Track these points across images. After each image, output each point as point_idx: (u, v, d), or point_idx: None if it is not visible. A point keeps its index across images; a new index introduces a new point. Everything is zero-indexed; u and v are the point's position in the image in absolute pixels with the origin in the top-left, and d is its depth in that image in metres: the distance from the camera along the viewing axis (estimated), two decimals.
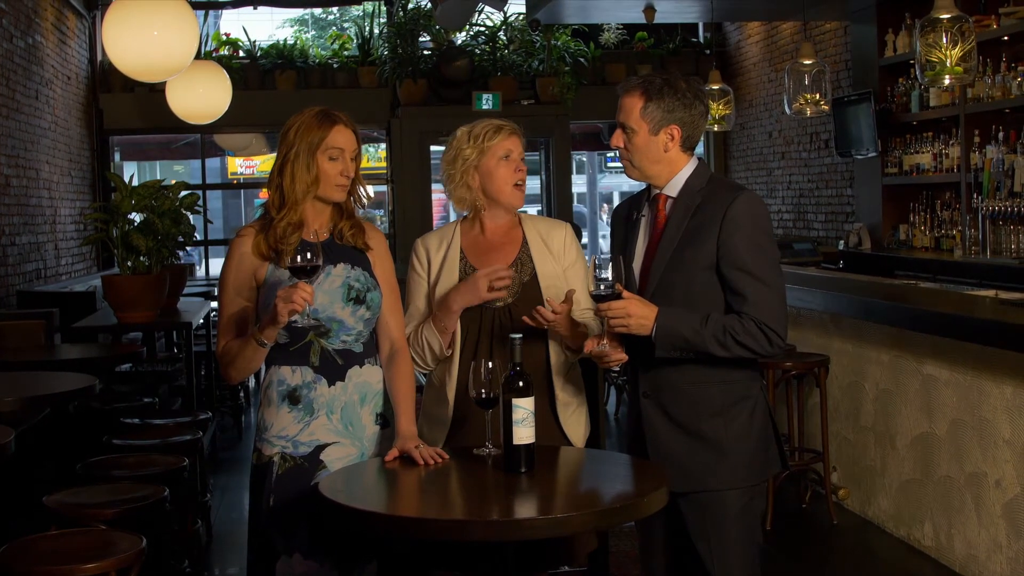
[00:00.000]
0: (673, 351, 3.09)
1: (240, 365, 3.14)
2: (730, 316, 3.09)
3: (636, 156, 3.22)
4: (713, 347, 3.08)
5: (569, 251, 3.56)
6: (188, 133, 12.66)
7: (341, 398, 3.20)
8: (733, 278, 3.10)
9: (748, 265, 3.09)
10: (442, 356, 3.49)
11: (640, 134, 3.20)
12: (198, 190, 11.11)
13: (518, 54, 11.82)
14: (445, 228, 3.67)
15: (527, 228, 3.58)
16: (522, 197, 3.57)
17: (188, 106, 8.48)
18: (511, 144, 3.52)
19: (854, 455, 5.94)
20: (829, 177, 10.38)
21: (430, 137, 11.48)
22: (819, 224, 10.60)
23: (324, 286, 3.18)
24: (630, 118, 3.20)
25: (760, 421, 3.24)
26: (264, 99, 11.60)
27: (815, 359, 5.95)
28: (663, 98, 3.18)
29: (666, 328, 3.07)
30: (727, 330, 3.07)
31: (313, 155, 3.16)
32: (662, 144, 3.21)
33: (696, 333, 3.07)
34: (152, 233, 6.37)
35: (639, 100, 3.19)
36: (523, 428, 2.92)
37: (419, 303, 3.57)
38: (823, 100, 8.17)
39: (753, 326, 3.07)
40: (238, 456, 7.88)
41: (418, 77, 11.44)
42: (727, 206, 3.12)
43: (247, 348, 3.09)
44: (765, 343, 3.09)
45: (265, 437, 3.21)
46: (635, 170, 3.26)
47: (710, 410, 3.18)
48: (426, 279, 3.57)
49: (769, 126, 11.57)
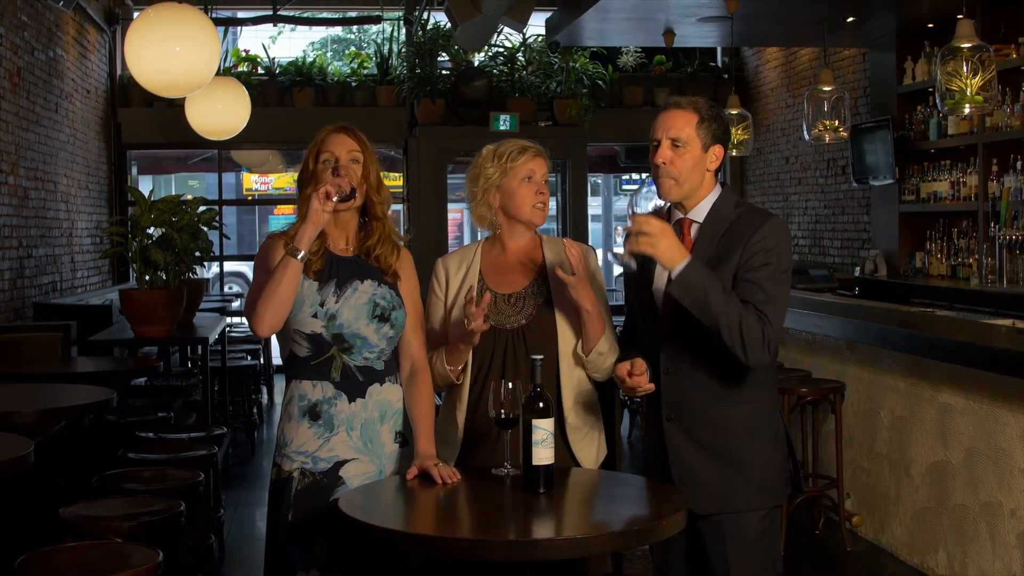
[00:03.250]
0: (685, 296, 3.03)
1: (270, 295, 3.08)
2: (747, 306, 3.05)
3: (684, 172, 3.20)
4: (722, 316, 3.02)
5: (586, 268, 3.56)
6: (205, 149, 12.70)
7: (361, 415, 3.22)
8: (742, 287, 3.09)
9: (760, 279, 3.09)
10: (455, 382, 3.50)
11: (692, 150, 3.19)
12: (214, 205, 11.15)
13: (536, 75, 11.85)
14: (467, 248, 3.68)
15: (547, 249, 3.60)
16: (543, 217, 3.58)
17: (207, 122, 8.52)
18: (535, 165, 3.54)
19: (868, 482, 5.93)
20: (846, 203, 10.38)
21: (447, 157, 11.50)
22: (835, 250, 10.60)
23: (351, 301, 3.22)
24: (683, 132, 3.19)
25: (780, 441, 3.27)
26: (282, 116, 11.63)
27: (831, 385, 5.94)
28: (713, 119, 3.21)
29: (693, 271, 3.02)
30: (740, 316, 3.03)
31: (309, 160, 3.27)
32: (708, 163, 3.22)
33: (718, 298, 3.01)
34: (170, 248, 6.40)
35: (693, 116, 3.20)
36: (543, 449, 2.93)
37: (436, 325, 3.59)
38: (842, 127, 8.18)
39: (760, 329, 3.04)
40: (251, 472, 7.90)
41: (436, 97, 11.47)
42: (755, 229, 3.13)
43: (278, 270, 3.09)
44: (760, 351, 3.05)
45: (285, 452, 3.23)
46: (678, 188, 3.21)
47: (735, 431, 3.19)
48: (443, 300, 3.59)
49: (786, 151, 11.58)
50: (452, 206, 11.96)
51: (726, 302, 3.03)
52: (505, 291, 3.53)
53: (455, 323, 3.50)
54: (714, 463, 3.19)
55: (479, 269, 3.58)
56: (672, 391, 3.22)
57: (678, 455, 3.22)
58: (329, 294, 3.21)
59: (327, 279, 3.23)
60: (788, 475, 3.30)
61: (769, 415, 3.26)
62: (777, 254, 3.13)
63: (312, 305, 3.19)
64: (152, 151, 12.98)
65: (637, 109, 12.15)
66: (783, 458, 3.27)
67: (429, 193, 11.55)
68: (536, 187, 3.53)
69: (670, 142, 3.20)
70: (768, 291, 3.09)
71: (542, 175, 3.55)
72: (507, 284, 3.54)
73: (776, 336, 3.09)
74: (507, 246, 3.60)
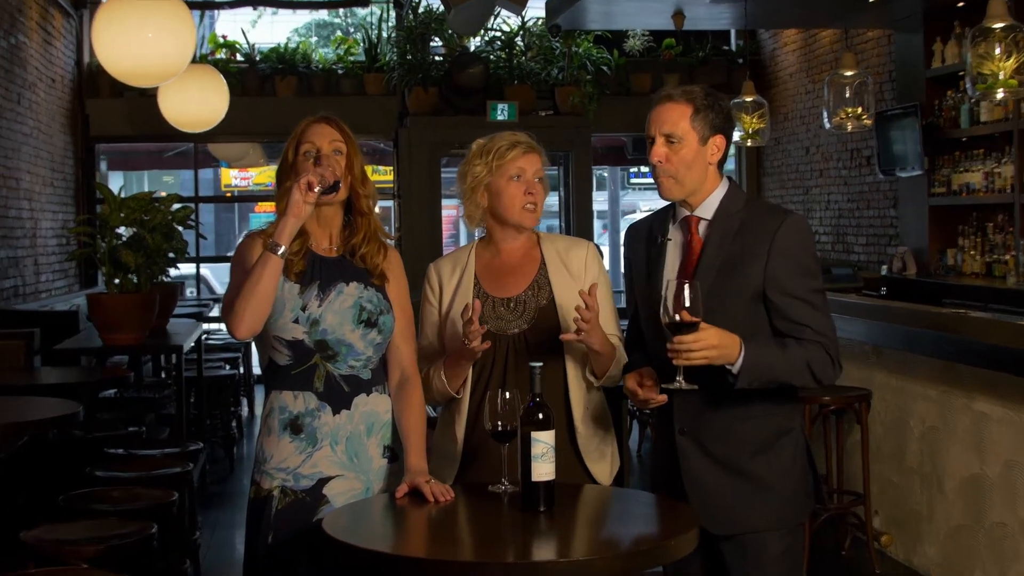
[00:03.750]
0: (754, 383, 3.08)
1: (248, 294, 3.07)
2: (803, 343, 3.12)
3: (682, 169, 3.21)
4: (793, 378, 3.12)
5: (590, 271, 3.56)
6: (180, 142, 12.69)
7: (346, 428, 3.21)
8: (788, 307, 3.13)
9: (803, 293, 3.14)
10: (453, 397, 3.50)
11: (689, 144, 3.20)
12: (190, 203, 11.14)
13: (536, 61, 11.85)
14: (460, 251, 3.69)
15: (545, 248, 3.60)
16: (534, 218, 3.56)
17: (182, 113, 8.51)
18: (525, 163, 3.52)
19: (898, 498, 5.91)
20: (871, 197, 10.37)
21: (440, 149, 11.50)
22: (860, 248, 10.59)
23: (335, 305, 3.21)
24: (677, 127, 3.20)
25: (802, 456, 3.28)
26: (263, 106, 11.63)
27: (856, 393, 5.93)
28: (710, 108, 3.21)
29: (753, 359, 3.06)
30: (806, 360, 3.10)
31: (289, 152, 3.27)
32: (708, 156, 3.23)
33: (782, 364, 3.09)
34: (142, 249, 6.39)
35: (687, 108, 3.20)
36: (542, 464, 2.92)
37: (430, 334, 3.59)
38: (865, 114, 8.17)
39: (824, 354, 3.12)
40: (229, 491, 7.88)
41: (428, 85, 11.47)
42: (775, 231, 3.15)
43: (257, 267, 3.08)
44: (832, 372, 3.15)
45: (264, 469, 3.21)
46: (678, 186, 3.23)
47: (753, 445, 3.20)
48: (437, 308, 3.59)
49: (806, 141, 11.57)
50: (447, 202, 11.94)
51: (789, 358, 3.10)
52: (503, 295, 3.54)
53: (452, 336, 3.50)
54: (729, 479, 3.20)
55: (474, 273, 3.58)
56: (684, 402, 3.22)
57: (691, 470, 3.22)
58: (311, 297, 3.20)
59: (309, 281, 3.22)
60: (811, 490, 3.31)
61: (789, 426, 3.26)
62: (807, 258, 3.19)
63: (293, 309, 3.18)
64: (122, 145, 12.97)
65: (645, 97, 12.03)
66: (804, 472, 3.28)
67: (422, 188, 11.55)
68: (525, 186, 3.51)
69: (664, 138, 3.21)
70: (814, 304, 3.15)
71: (534, 172, 3.53)
72: (505, 287, 3.54)
73: (838, 348, 3.17)
74: (500, 247, 3.60)
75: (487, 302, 3.50)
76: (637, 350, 3.38)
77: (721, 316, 3.11)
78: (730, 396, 3.14)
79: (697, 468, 3.21)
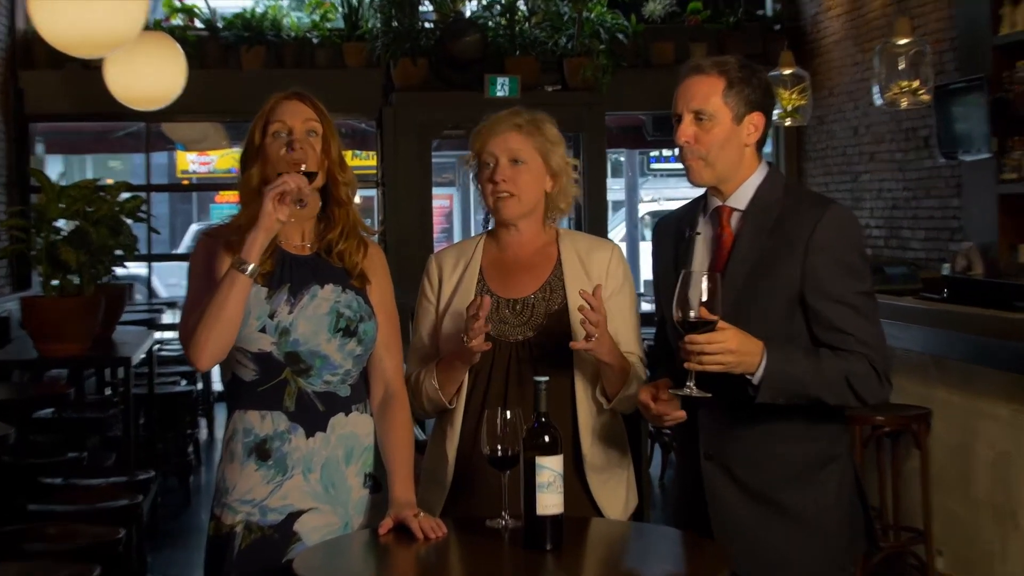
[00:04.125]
0: (779, 397, 3.08)
1: (213, 320, 3.06)
2: (841, 354, 3.12)
3: (714, 151, 3.22)
4: (826, 393, 3.11)
5: (613, 277, 3.58)
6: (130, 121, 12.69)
7: (322, 453, 3.21)
8: (829, 312, 3.14)
9: (847, 296, 3.14)
10: (445, 407, 3.51)
11: (722, 123, 3.21)
12: (141, 192, 11.14)
13: (542, 29, 11.85)
14: (466, 243, 3.73)
15: (564, 246, 3.62)
16: (510, 208, 3.56)
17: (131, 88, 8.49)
18: (495, 145, 3.55)
19: (965, 534, 5.90)
20: (930, 184, 10.36)
21: (431, 130, 11.50)
22: (917, 243, 10.58)
23: (308, 311, 3.21)
24: (708, 103, 3.21)
25: (849, 488, 3.27)
26: (226, 80, 11.62)
27: (914, 413, 5.93)
28: (746, 81, 3.22)
29: (778, 368, 3.06)
30: (844, 373, 3.10)
31: (255, 133, 3.27)
32: (744, 136, 3.23)
33: (813, 376, 3.08)
34: (85, 245, 6.39)
35: (719, 82, 3.22)
36: (549, 494, 2.92)
37: (424, 334, 3.62)
38: (923, 88, 8.16)
39: (868, 367, 3.11)
40: (186, 526, 7.88)
41: (417, 56, 11.47)
42: (814, 223, 3.16)
43: (222, 287, 3.06)
44: (879, 390, 3.14)
45: (226, 502, 3.21)
46: (708, 169, 3.25)
47: (791, 474, 3.19)
48: (435, 305, 3.62)
49: (854, 120, 11.56)
50: (439, 191, 11.97)
51: (822, 370, 3.09)
52: (509, 295, 3.57)
53: (448, 336, 3.52)
54: (763, 513, 3.20)
55: (479, 268, 3.61)
56: (711, 422, 3.23)
57: (718, 502, 3.23)
58: (281, 303, 3.20)
59: (278, 284, 3.23)
60: (860, 527, 3.29)
61: (834, 452, 3.26)
62: (852, 254, 3.19)
63: (259, 317, 3.18)
64: (62, 124, 12.98)
65: (667, 69, 12.09)
66: (853, 507, 3.27)
67: (409, 176, 11.56)
68: (491, 174, 3.54)
69: (692, 116, 3.23)
70: (859, 309, 3.15)
71: (509, 155, 3.54)
72: (512, 287, 3.57)
73: (889, 365, 3.16)
74: (504, 241, 3.63)
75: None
76: (663, 364, 3.38)
77: (752, 322, 3.11)
78: (764, 414, 3.14)
79: (725, 499, 3.22)
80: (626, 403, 3.48)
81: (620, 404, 3.48)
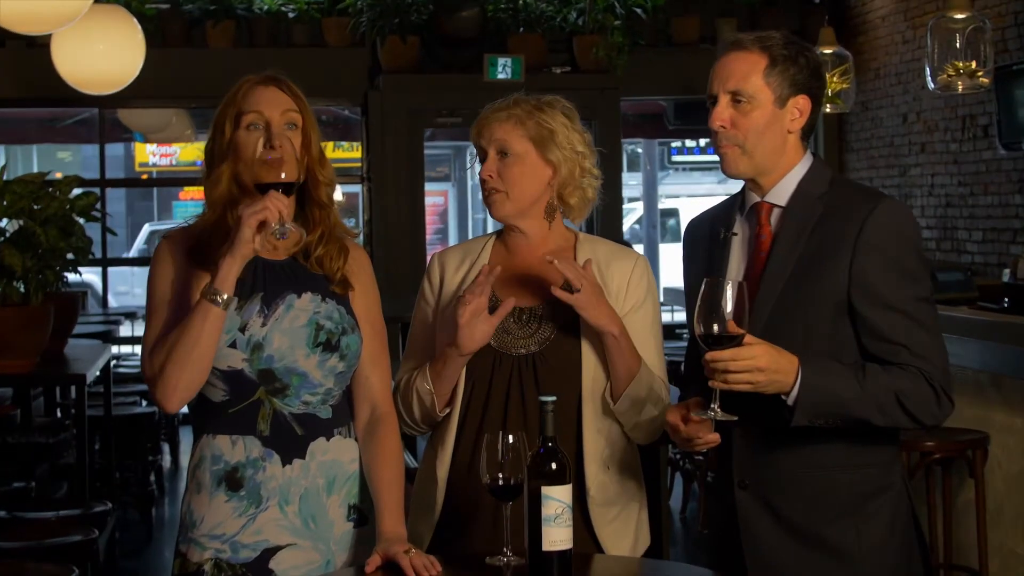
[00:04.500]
0: (817, 419, 3.08)
1: (183, 357, 3.07)
2: (892, 369, 3.12)
3: (752, 138, 3.22)
4: (872, 414, 3.10)
5: (634, 291, 3.59)
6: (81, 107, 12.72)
7: (300, 483, 3.22)
8: (880, 320, 3.14)
9: (901, 302, 3.14)
10: (435, 416, 3.52)
11: (762, 106, 3.21)
12: (95, 187, 11.16)
13: (549, 2, 11.86)
14: (473, 242, 3.77)
15: (581, 254, 3.63)
16: (500, 206, 3.59)
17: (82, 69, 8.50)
18: (488, 137, 3.57)
19: None
20: (989, 179, 10.37)
21: (423, 117, 11.52)
22: (974, 246, 10.59)
23: (284, 324, 3.21)
24: (747, 83, 3.20)
25: (903, 522, 3.26)
26: (190, 60, 11.63)
27: (968, 437, 5.93)
28: (791, 60, 3.22)
29: (815, 387, 3.06)
30: (893, 391, 3.09)
31: (225, 124, 3.24)
32: (788, 122, 3.24)
33: (855, 394, 3.08)
34: (31, 248, 6.40)
35: (761, 59, 3.21)
36: (556, 528, 2.93)
37: (420, 339, 3.64)
38: (981, 70, 8.17)
39: (924, 383, 3.11)
40: (147, 565, 7.91)
41: (408, 33, 11.46)
42: (864, 220, 3.15)
43: (193, 318, 3.06)
44: (936, 409, 3.14)
45: (192, 537, 3.22)
46: (745, 158, 3.24)
47: (838, 507, 3.20)
48: (434, 307, 3.64)
49: (904, 106, 11.58)
50: (432, 187, 11.97)
51: (867, 386, 3.08)
52: (516, 304, 3.55)
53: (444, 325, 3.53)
54: (805, 551, 3.21)
55: None
56: (745, 447, 3.23)
57: (754, 538, 3.24)
58: (253, 314, 3.20)
59: (250, 293, 3.22)
60: (916, 566, 3.30)
61: (887, 482, 3.26)
62: (907, 255, 3.18)
63: (229, 330, 3.17)
64: (4, 110, 12.99)
65: (692, 48, 12.13)
66: (908, 545, 3.27)
67: (399, 169, 11.56)
68: (483, 169, 3.57)
69: (730, 97, 3.22)
70: (915, 318, 3.14)
71: (498, 147, 3.56)
72: (520, 295, 3.56)
73: (951, 381, 3.15)
74: (511, 245, 3.66)
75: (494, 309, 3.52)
76: (695, 384, 3.34)
77: (793, 333, 3.12)
78: (805, 437, 3.14)
79: (762, 535, 3.23)
80: (644, 429, 3.49)
81: (628, 412, 3.47)
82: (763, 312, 3.17)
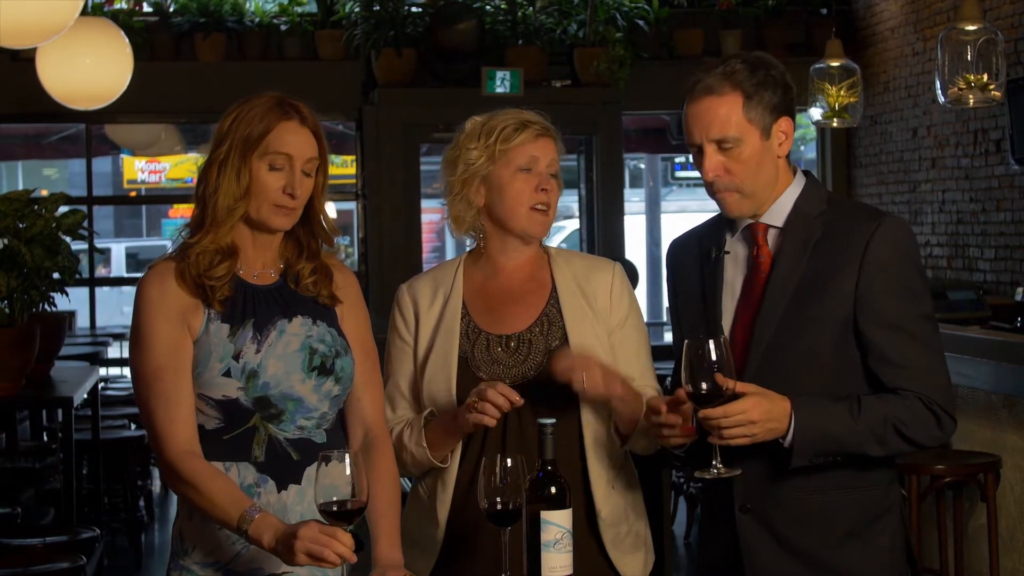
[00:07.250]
0: (816, 459, 3.12)
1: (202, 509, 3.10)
2: (887, 398, 3.14)
3: (748, 179, 3.23)
4: (871, 446, 3.13)
5: (618, 305, 3.60)
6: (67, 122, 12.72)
7: (296, 508, 3.22)
8: (882, 340, 3.16)
9: (905, 321, 3.16)
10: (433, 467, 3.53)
11: (750, 143, 3.22)
12: (82, 205, 11.16)
13: (549, 14, 11.88)
14: (442, 268, 3.71)
15: (557, 270, 3.62)
16: (544, 225, 3.58)
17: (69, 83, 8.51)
18: (538, 149, 3.55)
19: None
20: (1002, 195, 10.38)
21: (420, 132, 11.52)
22: (986, 264, 10.60)
23: (277, 349, 3.21)
24: (729, 127, 3.20)
25: (900, 543, 3.29)
26: (179, 75, 11.64)
27: (980, 461, 5.93)
28: (763, 86, 3.22)
29: (809, 430, 3.09)
30: (890, 422, 3.12)
31: (246, 158, 3.18)
32: (776, 148, 3.25)
33: (851, 431, 3.11)
34: (16, 268, 6.41)
35: (735, 98, 3.21)
36: (556, 554, 2.94)
37: (400, 381, 3.62)
38: (993, 83, 8.19)
39: (921, 408, 3.13)
40: None
41: (403, 46, 11.47)
42: (867, 239, 3.17)
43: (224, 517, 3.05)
44: (936, 431, 3.16)
45: (184, 564, 3.22)
46: (748, 201, 3.26)
47: (842, 530, 3.22)
48: (412, 348, 3.61)
49: (913, 120, 11.59)
50: (428, 204, 11.98)
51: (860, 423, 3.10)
52: (501, 331, 3.56)
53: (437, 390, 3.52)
54: (808, 573, 3.21)
55: (462, 299, 3.60)
56: (747, 470, 3.23)
57: (757, 565, 3.25)
58: (246, 341, 3.20)
59: (241, 319, 3.22)
60: None
61: (887, 502, 3.29)
62: (910, 273, 3.20)
63: (223, 359, 3.18)
64: None
65: (696, 62, 12.03)
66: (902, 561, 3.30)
67: (394, 185, 11.56)
68: (538, 180, 3.53)
69: (715, 146, 3.22)
70: (918, 337, 3.16)
71: (547, 164, 3.55)
72: (503, 321, 3.57)
73: (952, 399, 3.17)
74: (498, 264, 3.63)
75: (479, 340, 3.52)
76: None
77: (802, 353, 3.14)
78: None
79: (766, 561, 3.24)
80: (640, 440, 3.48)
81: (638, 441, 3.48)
82: (766, 332, 3.19)
